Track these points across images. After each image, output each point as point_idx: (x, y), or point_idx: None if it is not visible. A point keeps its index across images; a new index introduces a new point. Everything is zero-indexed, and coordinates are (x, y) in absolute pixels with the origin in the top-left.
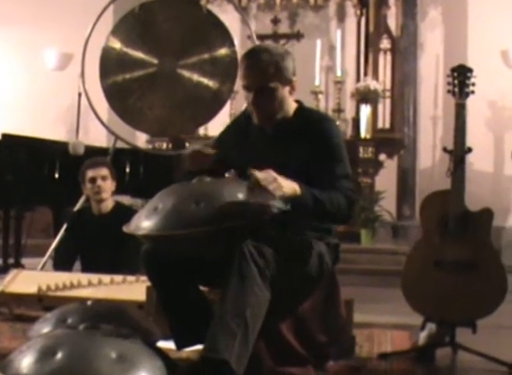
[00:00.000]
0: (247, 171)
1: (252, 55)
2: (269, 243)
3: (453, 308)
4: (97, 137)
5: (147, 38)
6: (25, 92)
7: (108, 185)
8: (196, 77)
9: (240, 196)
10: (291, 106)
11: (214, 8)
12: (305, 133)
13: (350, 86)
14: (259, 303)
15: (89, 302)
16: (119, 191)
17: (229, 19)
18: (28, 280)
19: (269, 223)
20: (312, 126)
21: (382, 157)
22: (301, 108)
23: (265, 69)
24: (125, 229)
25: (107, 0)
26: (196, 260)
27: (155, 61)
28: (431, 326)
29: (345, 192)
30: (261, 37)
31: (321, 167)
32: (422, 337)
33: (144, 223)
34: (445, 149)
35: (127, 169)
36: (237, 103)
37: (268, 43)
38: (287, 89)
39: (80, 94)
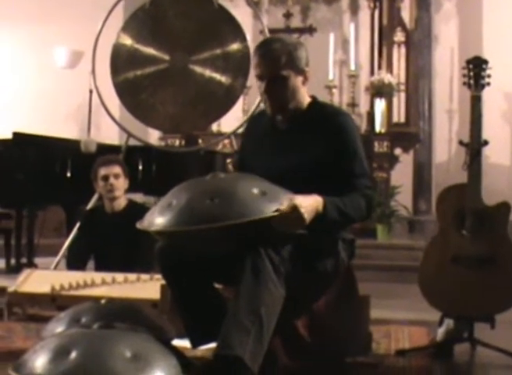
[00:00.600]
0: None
1: (265, 44)
2: (284, 238)
3: (470, 303)
4: (108, 134)
5: (158, 34)
6: (35, 90)
7: (121, 183)
8: (208, 73)
9: (255, 191)
10: (305, 98)
11: (225, 3)
12: (320, 127)
13: (364, 80)
14: (274, 300)
15: (103, 301)
16: (131, 188)
17: (241, 13)
18: (41, 279)
19: None
20: (327, 120)
21: (398, 151)
22: (315, 102)
23: (277, 58)
24: (138, 225)
25: None
26: (210, 257)
27: (167, 57)
28: (449, 322)
29: (363, 191)
30: (273, 32)
31: (337, 165)
32: (440, 333)
33: (157, 219)
34: (461, 142)
35: (140, 167)
36: (250, 99)
37: (282, 34)
38: (300, 79)
39: (91, 92)
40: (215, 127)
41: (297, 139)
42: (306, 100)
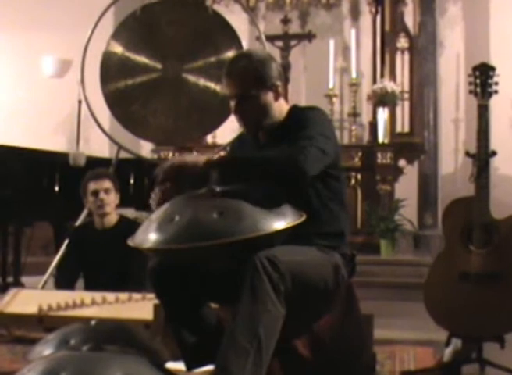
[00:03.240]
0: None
1: (231, 62)
2: (283, 253)
3: (479, 322)
4: (98, 147)
5: (150, 42)
6: (22, 101)
7: (112, 198)
8: (202, 82)
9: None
10: (281, 111)
11: (220, 9)
12: (293, 128)
13: (366, 88)
14: (273, 320)
15: (93, 322)
16: (122, 203)
17: (237, 19)
18: (28, 299)
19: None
20: (298, 118)
21: (402, 163)
22: (293, 109)
23: (243, 77)
24: (130, 243)
25: (106, 3)
26: (207, 275)
27: (159, 65)
28: (456, 342)
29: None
30: (270, 38)
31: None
32: (447, 353)
33: (155, 235)
34: (467, 154)
35: (131, 181)
36: None
37: (253, 48)
38: (271, 95)
39: (80, 102)
40: (210, 139)
41: (275, 148)
42: (283, 111)
